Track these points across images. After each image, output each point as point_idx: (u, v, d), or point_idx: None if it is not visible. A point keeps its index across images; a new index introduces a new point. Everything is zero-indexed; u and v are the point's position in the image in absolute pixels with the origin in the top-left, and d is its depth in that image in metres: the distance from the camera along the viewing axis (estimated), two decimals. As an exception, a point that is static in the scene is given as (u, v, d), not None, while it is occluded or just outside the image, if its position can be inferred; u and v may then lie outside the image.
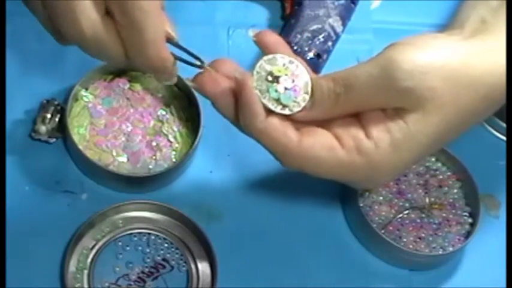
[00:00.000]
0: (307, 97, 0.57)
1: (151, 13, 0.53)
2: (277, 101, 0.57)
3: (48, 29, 0.56)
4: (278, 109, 0.57)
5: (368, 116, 0.57)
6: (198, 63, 0.58)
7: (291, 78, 0.58)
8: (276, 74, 0.57)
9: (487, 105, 0.58)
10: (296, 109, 0.57)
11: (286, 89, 0.57)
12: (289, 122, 0.57)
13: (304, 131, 0.57)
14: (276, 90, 0.57)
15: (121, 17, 0.53)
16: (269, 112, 0.57)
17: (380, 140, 0.56)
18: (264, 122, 0.56)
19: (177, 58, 0.56)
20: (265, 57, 0.58)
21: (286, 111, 0.57)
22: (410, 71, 0.54)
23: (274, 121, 0.57)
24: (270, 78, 0.57)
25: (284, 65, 0.58)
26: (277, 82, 0.57)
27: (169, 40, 0.55)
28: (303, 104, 0.57)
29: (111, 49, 0.54)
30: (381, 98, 0.56)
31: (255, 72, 0.57)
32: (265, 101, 0.57)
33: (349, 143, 0.56)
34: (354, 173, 0.57)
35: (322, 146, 0.57)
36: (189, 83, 0.59)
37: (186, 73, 0.59)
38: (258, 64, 0.58)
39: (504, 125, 0.79)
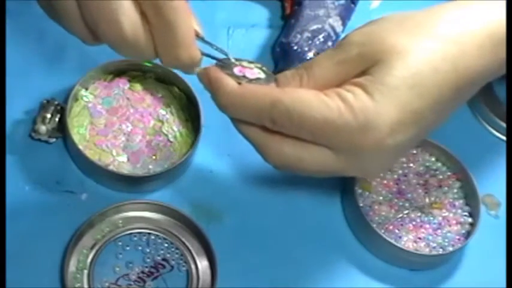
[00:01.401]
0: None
1: (184, 13, 0.53)
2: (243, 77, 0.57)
3: (77, 30, 0.55)
4: (244, 81, 0.56)
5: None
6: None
7: (253, 65, 0.58)
8: (237, 63, 0.58)
9: (458, 49, 0.57)
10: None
11: (248, 67, 0.57)
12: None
13: None
14: (241, 69, 0.57)
15: (154, 17, 0.52)
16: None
17: (356, 91, 0.55)
18: (241, 86, 0.56)
19: (204, 54, 0.56)
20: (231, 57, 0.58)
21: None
22: (358, 36, 0.57)
23: (250, 85, 0.56)
24: (232, 65, 0.57)
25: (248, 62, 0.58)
26: (239, 64, 0.58)
27: (196, 36, 0.55)
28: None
29: (145, 49, 0.54)
30: (340, 69, 0.57)
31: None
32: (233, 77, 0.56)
33: (331, 93, 0.56)
34: (342, 121, 0.55)
35: (307, 91, 0.56)
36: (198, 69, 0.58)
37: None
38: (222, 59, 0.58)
39: (504, 125, 0.79)
